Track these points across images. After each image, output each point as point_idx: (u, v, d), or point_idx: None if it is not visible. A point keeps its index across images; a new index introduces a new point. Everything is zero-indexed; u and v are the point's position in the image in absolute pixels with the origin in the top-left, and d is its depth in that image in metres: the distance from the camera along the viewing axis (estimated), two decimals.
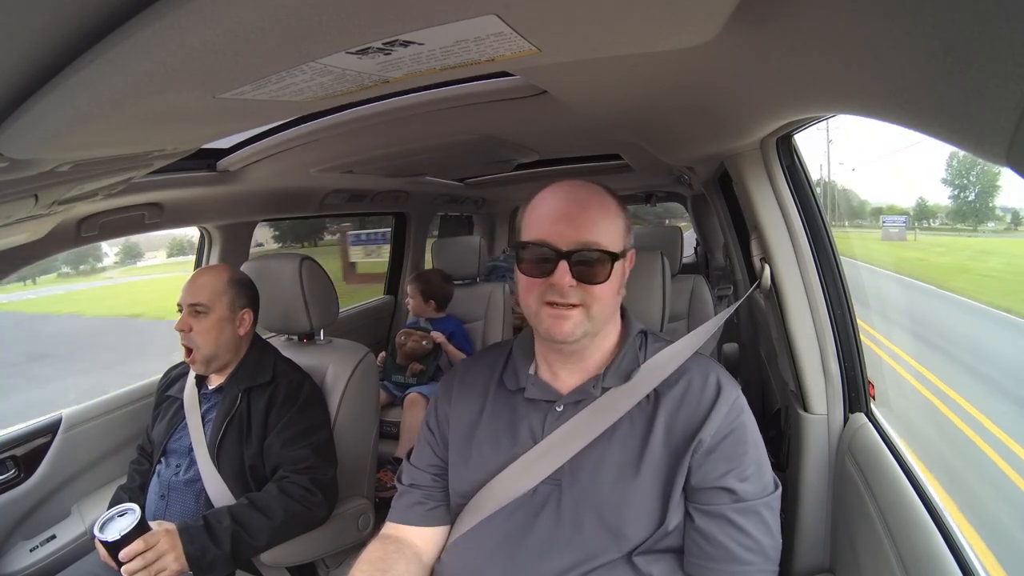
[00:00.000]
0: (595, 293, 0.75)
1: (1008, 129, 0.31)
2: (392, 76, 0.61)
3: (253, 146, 1.44)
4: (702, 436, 0.75)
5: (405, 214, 2.96)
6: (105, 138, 0.71)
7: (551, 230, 0.75)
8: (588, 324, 0.76)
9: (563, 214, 0.75)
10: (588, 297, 0.75)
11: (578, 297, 0.75)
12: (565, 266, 0.73)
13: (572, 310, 0.75)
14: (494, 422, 0.85)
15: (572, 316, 0.75)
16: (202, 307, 1.25)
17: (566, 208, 0.76)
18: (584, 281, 0.74)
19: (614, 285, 0.77)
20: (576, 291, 0.74)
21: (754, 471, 0.76)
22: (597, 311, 0.76)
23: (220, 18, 0.38)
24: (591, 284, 0.74)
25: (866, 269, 6.39)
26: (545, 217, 0.76)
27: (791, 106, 0.79)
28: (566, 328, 0.75)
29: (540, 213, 0.77)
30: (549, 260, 0.74)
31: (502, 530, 0.79)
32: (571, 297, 0.74)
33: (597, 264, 0.74)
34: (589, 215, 0.75)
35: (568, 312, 0.75)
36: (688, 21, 0.55)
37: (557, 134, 1.58)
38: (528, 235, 0.77)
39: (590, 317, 0.76)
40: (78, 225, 1.33)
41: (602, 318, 0.78)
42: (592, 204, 0.77)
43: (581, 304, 0.75)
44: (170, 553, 1.01)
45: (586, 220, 0.75)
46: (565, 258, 0.73)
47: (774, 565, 0.75)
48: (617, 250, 0.76)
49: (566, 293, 0.74)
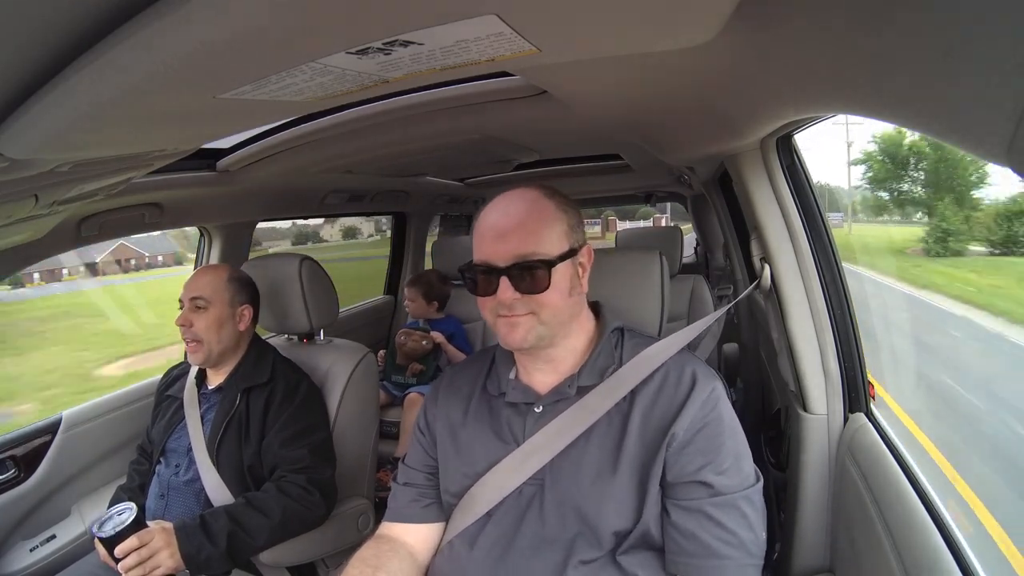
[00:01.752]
0: (540, 301, 0.77)
1: (1008, 129, 0.31)
2: (392, 76, 0.61)
3: (253, 146, 1.44)
4: (675, 430, 0.75)
5: (405, 214, 2.95)
6: (105, 138, 0.71)
7: (489, 249, 0.77)
8: (541, 328, 0.78)
9: (497, 231, 0.78)
10: (535, 305, 0.77)
11: (526, 307, 0.77)
12: (506, 281, 0.76)
13: (522, 317, 0.77)
14: (478, 425, 0.87)
15: (522, 323, 0.77)
16: (202, 301, 1.26)
17: (500, 224, 0.78)
18: (526, 292, 0.76)
19: (560, 288, 0.78)
20: (522, 302, 0.77)
21: (732, 464, 0.75)
22: (547, 316, 0.78)
23: (220, 18, 0.38)
24: (533, 294, 0.76)
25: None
26: (483, 237, 0.79)
27: (791, 106, 0.79)
28: (519, 335, 0.78)
29: (479, 233, 0.80)
30: (491, 278, 0.77)
31: (492, 536, 0.80)
32: (518, 308, 0.77)
33: (536, 273, 0.76)
34: (525, 226, 0.77)
35: (518, 320, 0.77)
36: (688, 21, 0.55)
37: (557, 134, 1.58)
38: (474, 256, 0.80)
39: (541, 322, 0.78)
40: (78, 225, 1.33)
41: (556, 321, 0.79)
42: (528, 214, 0.78)
43: (530, 312, 0.77)
44: (165, 550, 1.02)
45: (522, 232, 0.77)
46: (504, 274, 0.76)
47: (755, 560, 0.75)
48: (555, 255, 0.77)
49: (512, 306, 0.77)
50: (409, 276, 3.01)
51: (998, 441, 3.07)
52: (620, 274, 1.04)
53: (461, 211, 3.49)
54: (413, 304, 2.45)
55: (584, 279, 0.83)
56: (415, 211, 2.94)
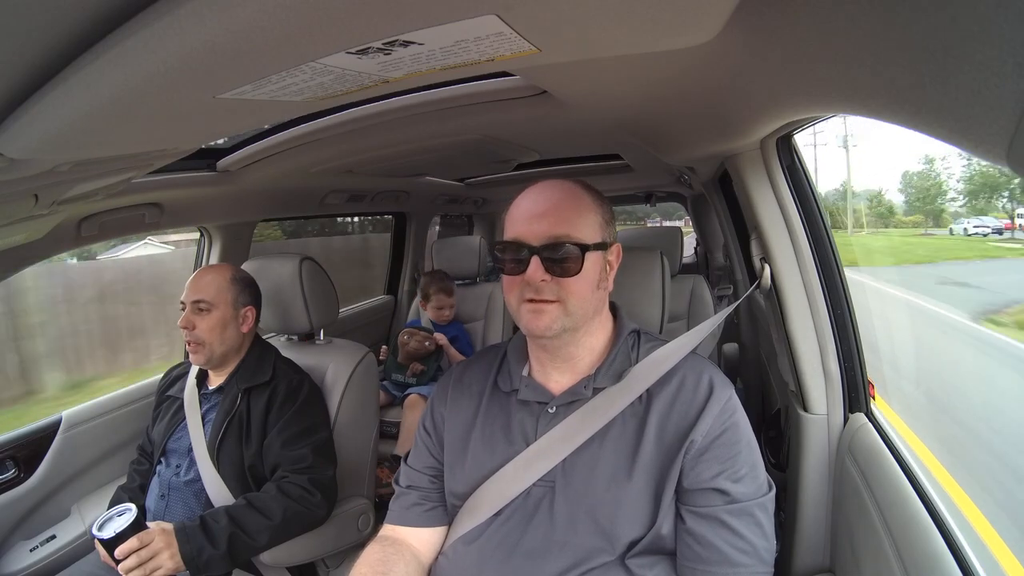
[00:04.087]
0: (569, 287, 0.76)
1: (1008, 129, 0.31)
2: (392, 76, 0.61)
3: (253, 146, 1.44)
4: (694, 437, 0.75)
5: (405, 214, 2.95)
6: (105, 138, 0.71)
7: (524, 228, 0.77)
8: (566, 319, 0.77)
9: (535, 212, 0.78)
10: (563, 292, 0.76)
11: (553, 293, 0.76)
12: (537, 261, 0.75)
13: (549, 305, 0.76)
14: (489, 424, 0.85)
15: (549, 311, 0.76)
16: (205, 304, 1.25)
17: (538, 206, 0.78)
18: (557, 275, 0.75)
19: (590, 278, 0.77)
20: (551, 286, 0.76)
21: (747, 472, 0.75)
22: (574, 305, 0.77)
23: (220, 18, 0.38)
24: (564, 277, 0.75)
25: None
26: (519, 217, 0.79)
27: (791, 106, 0.79)
28: (543, 322, 0.76)
29: (515, 214, 0.80)
30: (523, 256, 0.76)
31: (496, 537, 0.79)
32: (546, 293, 0.76)
33: (569, 257, 0.75)
34: (560, 211, 0.77)
35: (545, 307, 0.76)
36: (688, 21, 0.55)
37: (557, 134, 1.58)
38: (506, 235, 0.79)
39: (567, 312, 0.77)
40: (78, 225, 1.33)
41: (581, 313, 0.78)
42: (564, 200, 0.78)
43: (558, 300, 0.76)
44: (165, 551, 1.02)
45: (557, 215, 0.76)
46: (536, 253, 0.75)
47: (768, 567, 0.75)
48: (590, 242, 0.77)
49: (540, 288, 0.76)
50: (409, 276, 3.01)
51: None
52: (621, 274, 1.04)
53: (461, 211, 3.49)
54: (441, 311, 2.40)
55: (611, 277, 0.83)
56: (415, 211, 2.94)
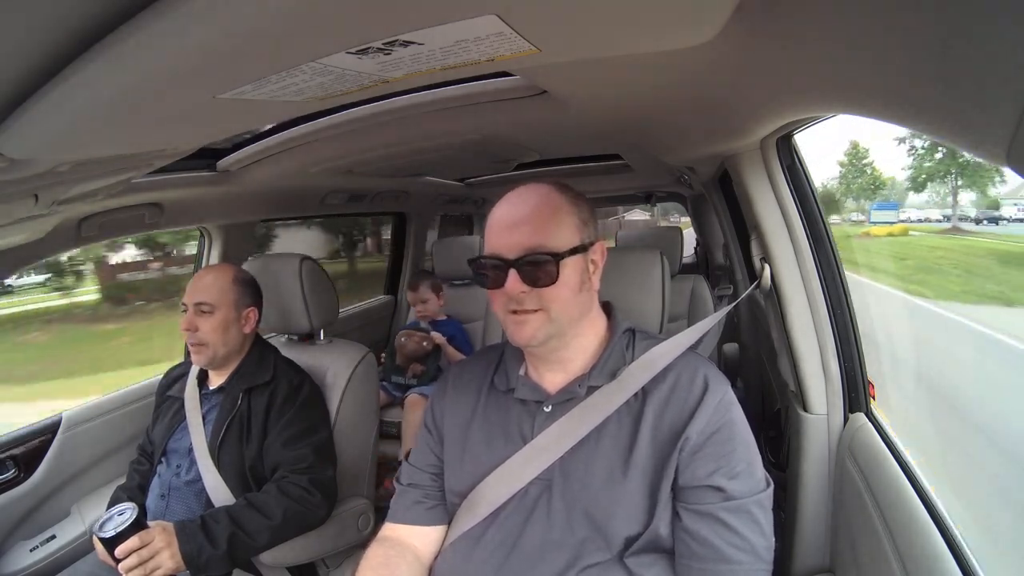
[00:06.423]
0: (550, 296, 0.76)
1: (1008, 129, 0.31)
2: (392, 76, 0.61)
3: (253, 146, 1.44)
4: (688, 434, 0.74)
5: (405, 214, 2.95)
6: (105, 138, 0.71)
7: (498, 242, 0.77)
8: (550, 326, 0.77)
9: (508, 224, 0.77)
10: (544, 301, 0.76)
11: (535, 302, 0.76)
12: (514, 274, 0.75)
13: (531, 315, 0.76)
14: (486, 422, 0.86)
15: (532, 320, 0.77)
16: (207, 306, 1.25)
17: (510, 217, 0.78)
18: (535, 285, 0.75)
19: (570, 284, 0.77)
20: (531, 296, 0.76)
21: (744, 468, 0.75)
22: (557, 312, 0.77)
23: (220, 18, 0.38)
24: (541, 287, 0.76)
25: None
26: (493, 229, 0.79)
27: (791, 106, 0.79)
28: (527, 332, 0.77)
29: (490, 226, 0.80)
30: (500, 270, 0.76)
31: (496, 536, 0.79)
32: (527, 303, 0.76)
33: (543, 267, 0.75)
34: (534, 219, 0.77)
35: (528, 317, 0.76)
36: (688, 21, 0.55)
37: (557, 134, 1.58)
38: (485, 248, 0.79)
39: (551, 319, 0.77)
40: (78, 225, 1.33)
41: (565, 318, 0.78)
42: (537, 207, 0.78)
43: (540, 308, 0.76)
44: (165, 551, 1.02)
45: (531, 225, 0.76)
46: (512, 266, 0.75)
47: (766, 564, 0.74)
48: (564, 248, 0.76)
49: (521, 300, 0.76)
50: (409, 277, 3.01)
51: None
52: (621, 273, 1.03)
53: (461, 211, 3.49)
54: (425, 304, 2.41)
55: (596, 276, 0.82)
56: (415, 211, 2.93)
